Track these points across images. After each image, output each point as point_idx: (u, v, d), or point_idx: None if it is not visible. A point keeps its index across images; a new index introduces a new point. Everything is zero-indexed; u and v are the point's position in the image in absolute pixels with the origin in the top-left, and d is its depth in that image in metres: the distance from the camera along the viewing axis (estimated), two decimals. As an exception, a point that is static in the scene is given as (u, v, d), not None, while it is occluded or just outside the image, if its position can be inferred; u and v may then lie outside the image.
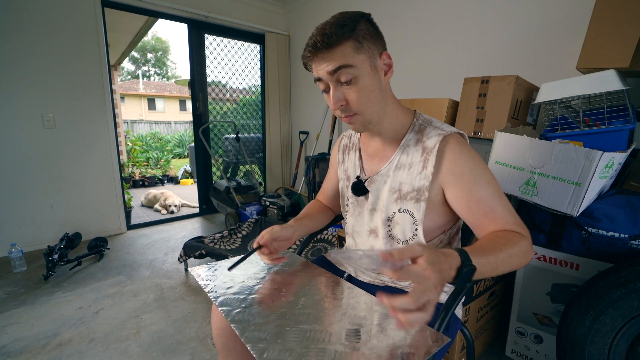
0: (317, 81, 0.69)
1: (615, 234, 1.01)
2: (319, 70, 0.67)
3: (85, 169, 2.63)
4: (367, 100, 0.67)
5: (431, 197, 0.71)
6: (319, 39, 0.64)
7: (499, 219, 0.64)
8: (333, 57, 0.64)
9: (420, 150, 0.72)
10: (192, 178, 5.90)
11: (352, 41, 0.64)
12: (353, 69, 0.64)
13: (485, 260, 0.55)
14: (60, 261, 2.10)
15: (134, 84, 16.82)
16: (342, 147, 0.92)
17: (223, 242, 2.20)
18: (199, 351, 1.39)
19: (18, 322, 1.58)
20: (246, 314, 0.63)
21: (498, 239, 0.61)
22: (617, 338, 0.88)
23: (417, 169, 0.71)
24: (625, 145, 1.09)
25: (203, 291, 1.88)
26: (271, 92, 3.53)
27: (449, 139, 0.69)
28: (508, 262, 0.58)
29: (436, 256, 0.48)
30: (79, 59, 2.48)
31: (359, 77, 0.65)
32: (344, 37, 0.63)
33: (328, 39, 0.63)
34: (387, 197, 0.76)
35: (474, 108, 1.47)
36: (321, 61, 0.66)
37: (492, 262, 0.56)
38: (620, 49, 1.11)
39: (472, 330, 1.25)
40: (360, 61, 0.65)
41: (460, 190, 0.67)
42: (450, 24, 2.13)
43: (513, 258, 0.59)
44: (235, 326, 0.59)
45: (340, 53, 0.64)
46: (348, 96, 0.67)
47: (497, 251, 0.58)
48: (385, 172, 0.77)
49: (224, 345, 0.76)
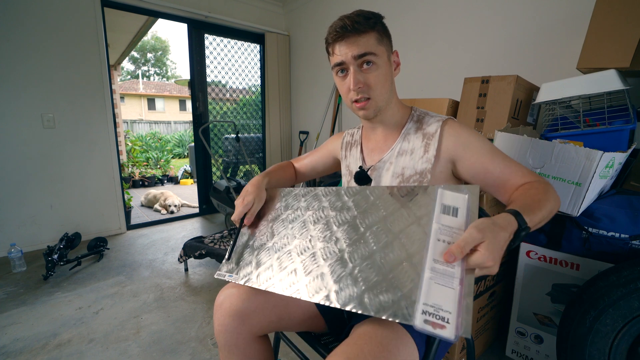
0: (337, 66, 0.74)
1: (616, 234, 1.01)
2: (344, 54, 0.71)
3: (85, 169, 2.63)
4: (382, 86, 0.74)
5: (434, 178, 0.74)
6: (348, 23, 0.69)
7: (516, 172, 0.68)
8: (360, 43, 0.70)
9: (421, 136, 0.77)
10: (192, 178, 5.90)
11: (376, 32, 0.72)
12: (375, 57, 0.71)
13: (535, 216, 0.57)
14: (60, 261, 2.09)
15: (133, 84, 16.82)
16: (345, 145, 0.95)
17: (223, 242, 2.20)
18: (199, 351, 1.39)
19: (18, 322, 1.58)
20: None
21: (531, 192, 0.63)
22: (617, 338, 0.88)
23: (419, 153, 0.76)
24: (625, 145, 1.09)
25: (203, 291, 1.88)
26: (271, 92, 3.53)
27: (447, 122, 0.76)
28: (549, 208, 0.61)
29: (496, 237, 0.48)
30: (78, 59, 2.48)
31: (378, 65, 0.72)
32: (370, 28, 0.71)
33: (358, 25, 0.69)
34: (390, 182, 0.79)
35: (474, 108, 1.47)
36: (348, 45, 0.71)
37: (539, 215, 0.58)
38: (621, 49, 1.11)
39: (472, 330, 1.25)
40: (381, 51, 0.73)
41: (473, 155, 0.72)
42: (450, 24, 2.13)
43: (551, 203, 0.61)
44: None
45: (367, 40, 0.70)
46: (367, 79, 0.72)
47: (539, 202, 0.60)
48: (388, 158, 0.80)
49: (226, 342, 0.76)
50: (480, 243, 0.47)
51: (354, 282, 0.59)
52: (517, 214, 0.54)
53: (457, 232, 0.50)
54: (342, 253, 0.65)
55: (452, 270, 0.47)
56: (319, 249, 0.68)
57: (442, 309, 0.46)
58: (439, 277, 0.48)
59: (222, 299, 0.77)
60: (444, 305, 0.46)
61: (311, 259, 0.68)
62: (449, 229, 0.50)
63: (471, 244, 0.47)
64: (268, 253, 0.75)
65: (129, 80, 17.73)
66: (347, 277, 0.61)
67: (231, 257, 0.80)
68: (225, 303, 0.75)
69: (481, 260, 0.46)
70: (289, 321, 0.80)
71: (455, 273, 0.47)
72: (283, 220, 0.80)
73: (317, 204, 0.77)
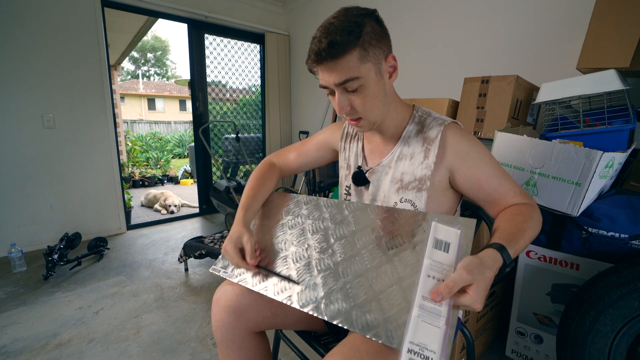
0: (323, 87, 0.70)
1: (616, 234, 1.01)
2: (325, 80, 0.67)
3: (85, 169, 2.63)
4: (372, 105, 0.69)
5: (434, 185, 0.73)
6: (323, 48, 0.61)
7: (508, 191, 0.69)
8: (338, 69, 0.63)
9: (422, 140, 0.74)
10: (192, 178, 5.90)
11: (358, 50, 0.62)
12: (359, 79, 0.64)
13: (518, 245, 0.59)
14: (60, 261, 2.09)
15: (133, 84, 16.82)
16: (345, 136, 0.90)
17: (223, 242, 2.19)
18: (199, 351, 1.39)
19: (18, 322, 1.58)
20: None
21: (518, 218, 0.64)
22: (617, 338, 0.88)
23: (419, 158, 0.73)
24: (625, 145, 1.09)
25: (203, 291, 1.88)
26: (271, 92, 3.53)
27: (449, 127, 0.72)
28: (531, 236, 0.63)
29: (484, 279, 0.50)
30: (79, 59, 2.48)
31: (365, 86, 0.66)
32: (349, 47, 0.61)
33: (333, 49, 0.61)
34: (389, 188, 0.77)
35: (474, 108, 1.47)
36: (327, 71, 0.65)
37: (522, 244, 0.60)
38: (621, 49, 1.11)
39: (472, 330, 1.25)
40: (366, 70, 0.64)
41: (469, 169, 0.70)
42: (450, 24, 2.13)
43: (534, 230, 0.63)
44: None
45: (346, 65, 0.63)
46: (353, 102, 0.68)
47: (523, 231, 0.61)
48: (387, 163, 0.78)
49: (224, 338, 0.77)
50: (469, 285, 0.49)
51: (344, 297, 0.61)
52: (502, 249, 0.55)
53: (447, 268, 0.51)
54: (336, 267, 0.66)
55: (440, 309, 0.49)
56: (314, 259, 0.70)
57: (427, 349, 0.48)
58: (427, 315, 0.49)
59: (219, 295, 0.79)
60: (429, 344, 0.48)
61: (306, 268, 0.69)
62: (439, 265, 0.52)
63: (459, 285, 0.48)
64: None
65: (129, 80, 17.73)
66: (339, 291, 0.62)
67: None
68: (221, 299, 0.77)
69: (469, 302, 0.48)
70: (284, 318, 0.81)
71: (442, 312, 0.49)
72: (283, 225, 0.81)
73: (318, 214, 0.78)
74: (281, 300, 0.66)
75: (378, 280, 0.60)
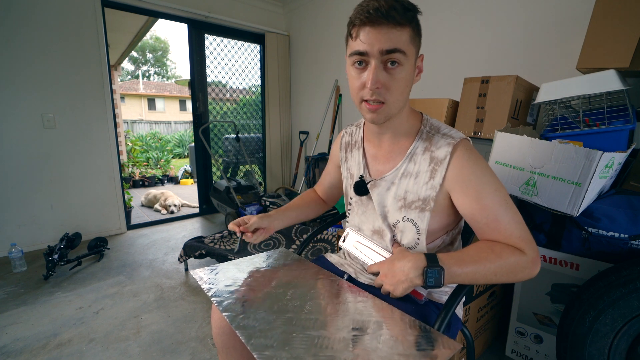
0: (356, 54, 0.62)
1: (615, 234, 1.01)
2: (370, 43, 0.59)
3: (85, 169, 2.63)
4: (401, 91, 0.64)
5: (438, 203, 0.70)
6: (384, 8, 0.57)
7: (503, 230, 0.64)
8: (392, 36, 0.58)
9: (428, 159, 0.70)
10: (192, 178, 5.90)
11: (411, 28, 0.60)
12: (405, 57, 0.61)
13: (461, 270, 0.60)
14: (60, 261, 2.10)
15: (134, 84, 16.82)
16: (344, 145, 0.89)
17: (223, 242, 2.20)
18: (199, 351, 1.39)
19: (18, 322, 1.58)
20: (251, 320, 0.62)
21: (485, 250, 0.63)
22: (617, 338, 0.88)
23: (424, 178, 0.70)
24: (625, 145, 1.09)
25: (203, 291, 1.88)
26: (271, 92, 3.53)
27: (458, 147, 0.67)
28: (489, 276, 0.61)
29: (391, 271, 0.65)
30: (79, 59, 2.48)
31: (404, 67, 0.62)
32: (407, 21, 0.59)
33: (395, 13, 0.57)
34: (391, 204, 0.75)
35: (474, 108, 1.47)
36: (377, 34, 0.58)
37: (469, 272, 0.60)
38: (620, 49, 1.11)
39: (472, 330, 1.25)
40: (411, 52, 0.62)
41: (465, 197, 0.66)
42: (450, 24, 2.13)
43: (497, 273, 0.61)
44: (241, 332, 0.58)
45: (400, 35, 0.59)
46: (388, 81, 0.62)
47: (478, 263, 0.61)
48: (391, 178, 0.75)
49: (224, 344, 0.77)
50: (376, 273, 0.68)
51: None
52: (430, 255, 0.63)
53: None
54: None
55: None
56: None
57: None
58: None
59: None
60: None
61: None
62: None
63: (374, 269, 0.69)
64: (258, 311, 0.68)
65: (129, 81, 17.74)
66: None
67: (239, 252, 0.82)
68: None
69: (379, 283, 0.66)
70: None
71: None
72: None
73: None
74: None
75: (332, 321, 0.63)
